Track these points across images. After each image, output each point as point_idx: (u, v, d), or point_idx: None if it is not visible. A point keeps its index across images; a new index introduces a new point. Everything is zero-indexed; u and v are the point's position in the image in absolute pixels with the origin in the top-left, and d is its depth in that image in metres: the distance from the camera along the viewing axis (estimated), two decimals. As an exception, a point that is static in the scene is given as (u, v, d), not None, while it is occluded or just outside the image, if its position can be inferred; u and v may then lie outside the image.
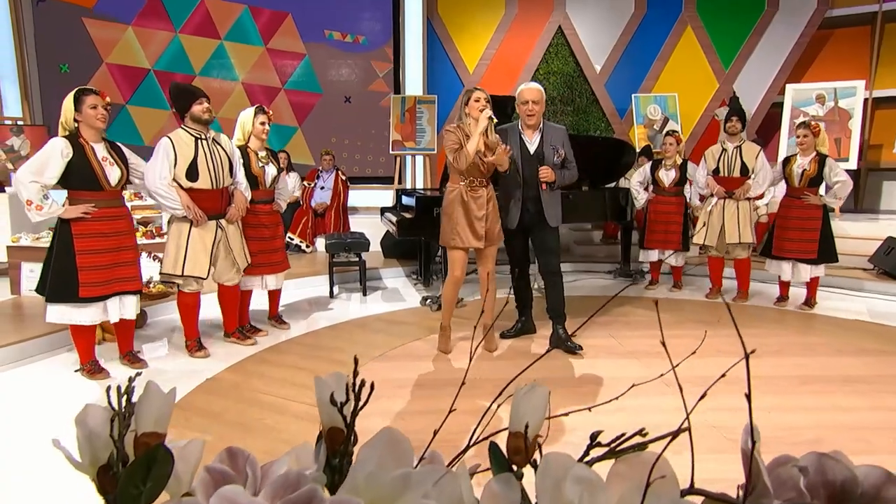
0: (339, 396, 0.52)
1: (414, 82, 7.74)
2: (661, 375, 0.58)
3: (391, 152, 7.42)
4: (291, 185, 6.93)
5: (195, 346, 3.48)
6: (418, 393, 3.00)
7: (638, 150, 6.96)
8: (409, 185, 7.67)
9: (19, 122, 6.79)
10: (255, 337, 3.80)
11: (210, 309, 4.01)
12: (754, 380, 3.13)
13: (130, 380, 0.52)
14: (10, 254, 4.45)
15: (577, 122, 8.07)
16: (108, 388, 0.50)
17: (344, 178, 6.95)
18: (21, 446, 2.42)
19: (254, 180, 3.68)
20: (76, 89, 2.94)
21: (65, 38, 7.19)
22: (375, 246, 6.51)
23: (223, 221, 3.43)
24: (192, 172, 3.25)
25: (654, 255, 5.30)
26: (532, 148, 3.52)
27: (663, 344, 0.45)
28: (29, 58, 7.10)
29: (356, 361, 0.50)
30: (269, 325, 4.13)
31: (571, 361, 3.43)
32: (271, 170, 3.80)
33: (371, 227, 6.46)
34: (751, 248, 4.83)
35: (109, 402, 0.50)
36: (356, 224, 6.98)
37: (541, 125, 3.49)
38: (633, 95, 7.76)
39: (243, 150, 3.68)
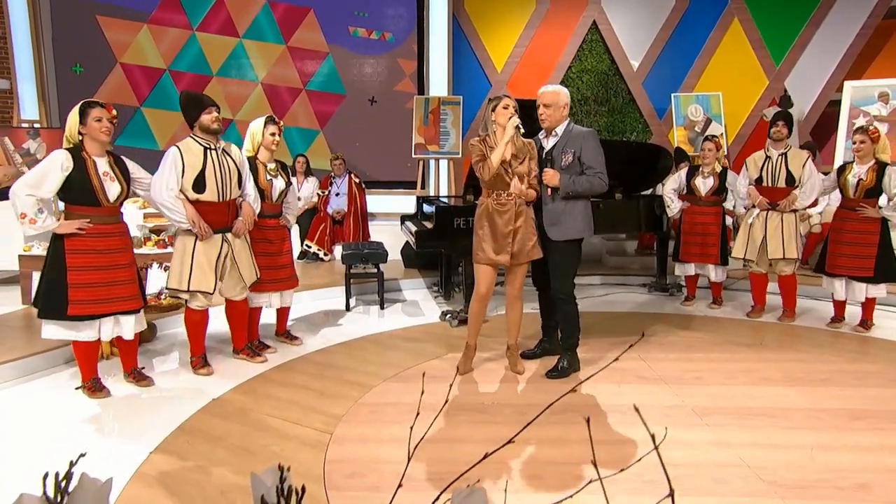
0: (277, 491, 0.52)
1: (438, 82, 7.77)
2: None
3: (413, 156, 7.46)
4: (309, 191, 7.02)
5: (199, 362, 3.54)
6: (432, 419, 2.99)
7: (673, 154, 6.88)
8: (431, 192, 7.69)
9: (36, 125, 7.04)
10: (265, 354, 3.84)
11: (221, 323, 4.07)
12: (796, 411, 3.05)
13: (71, 464, 0.53)
14: (21, 263, 4.60)
15: (612, 124, 7.99)
16: (45, 476, 0.51)
17: (357, 181, 7.00)
18: (9, 468, 2.49)
19: (260, 193, 3.72)
20: (81, 102, 3.03)
21: (79, 38, 7.43)
22: (396, 255, 6.55)
23: (229, 235, 3.48)
24: (200, 183, 3.31)
25: (690, 269, 5.20)
26: (546, 152, 3.50)
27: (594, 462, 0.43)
28: (46, 59, 7.36)
29: (282, 469, 0.50)
30: (279, 341, 4.17)
31: (594, 386, 3.38)
32: (279, 183, 3.85)
33: (392, 235, 6.51)
34: (796, 264, 4.70)
35: (45, 493, 0.51)
36: (376, 231, 7.03)
37: (563, 128, 3.44)
38: (672, 95, 7.65)
39: (252, 161, 3.74)
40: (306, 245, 6.77)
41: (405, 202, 7.26)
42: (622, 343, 4.16)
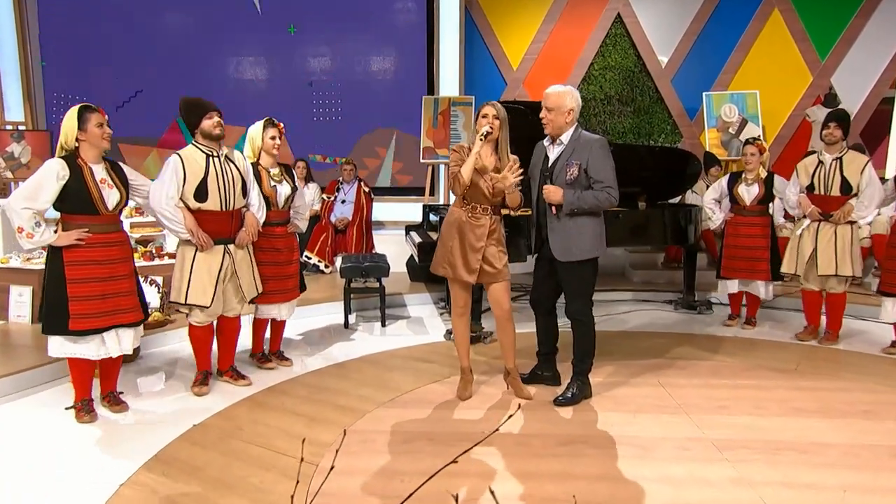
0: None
1: (449, 81, 7.79)
2: None
3: (421, 160, 7.47)
4: (310, 197, 7.07)
5: (199, 379, 3.64)
6: (428, 449, 2.98)
7: (702, 158, 6.81)
8: (441, 199, 7.70)
9: (21, 128, 7.19)
10: (281, 365, 4.05)
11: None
12: (831, 447, 2.98)
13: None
14: (-2, 275, 4.70)
15: (638, 125, 7.95)
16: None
17: (367, 189, 7.04)
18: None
19: (266, 201, 3.78)
20: (80, 106, 3.10)
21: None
22: (401, 267, 6.58)
23: (230, 246, 3.54)
24: (202, 192, 3.37)
25: (733, 286, 5.11)
26: (551, 163, 3.46)
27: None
28: (33, 55, 7.52)
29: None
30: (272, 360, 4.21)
31: (608, 416, 3.35)
32: (284, 189, 3.91)
33: (398, 245, 6.54)
34: (848, 282, 4.61)
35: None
36: (381, 242, 7.05)
37: (569, 136, 3.39)
38: (704, 93, 7.57)
39: (254, 167, 3.79)
40: (306, 256, 6.80)
41: (412, 210, 7.28)
42: (639, 368, 4.11)
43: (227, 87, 7.82)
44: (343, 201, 6.99)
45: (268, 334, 4.20)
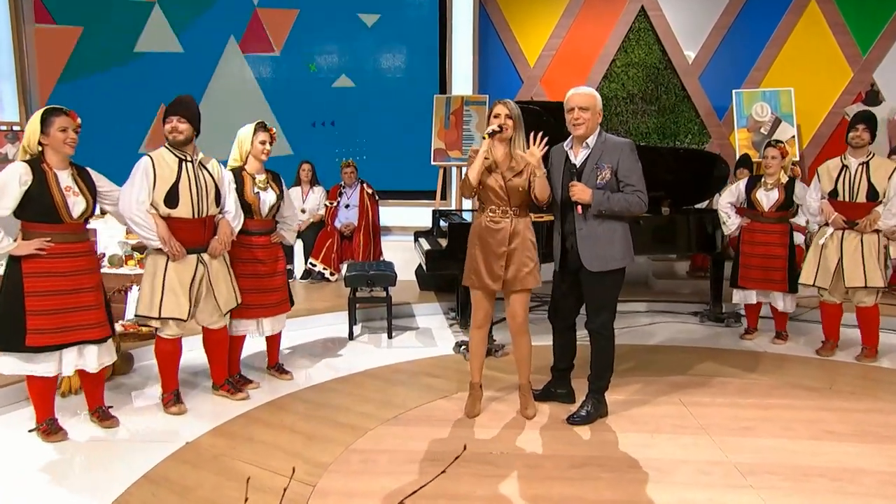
0: None
1: (462, 79, 7.81)
2: None
3: (432, 163, 7.50)
4: (315, 202, 7.13)
5: (171, 399, 3.59)
6: (432, 470, 2.97)
7: (737, 160, 6.75)
8: (453, 204, 7.71)
9: (15, 128, 7.30)
10: (246, 390, 3.88)
11: (200, 353, 4.12)
12: (866, 474, 2.93)
13: None
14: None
15: (662, 125, 7.91)
16: None
17: (370, 192, 7.07)
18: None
19: (247, 209, 3.79)
20: (44, 108, 3.11)
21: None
22: (410, 275, 6.58)
23: (205, 255, 3.54)
24: (173, 198, 3.37)
25: (751, 297, 5.07)
26: (576, 164, 3.44)
27: None
28: (28, 55, 7.65)
29: None
30: (269, 374, 4.23)
31: (624, 436, 3.32)
32: (269, 196, 3.89)
33: (407, 252, 6.53)
34: (879, 294, 4.54)
35: None
36: (389, 248, 7.09)
37: (594, 138, 3.39)
38: (734, 91, 7.52)
39: (238, 173, 3.81)
40: (311, 263, 6.86)
41: (425, 215, 7.26)
42: (659, 385, 4.08)
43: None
44: (347, 206, 7.03)
45: (259, 349, 4.20)
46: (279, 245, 4.06)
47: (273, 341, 4.19)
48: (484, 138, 3.33)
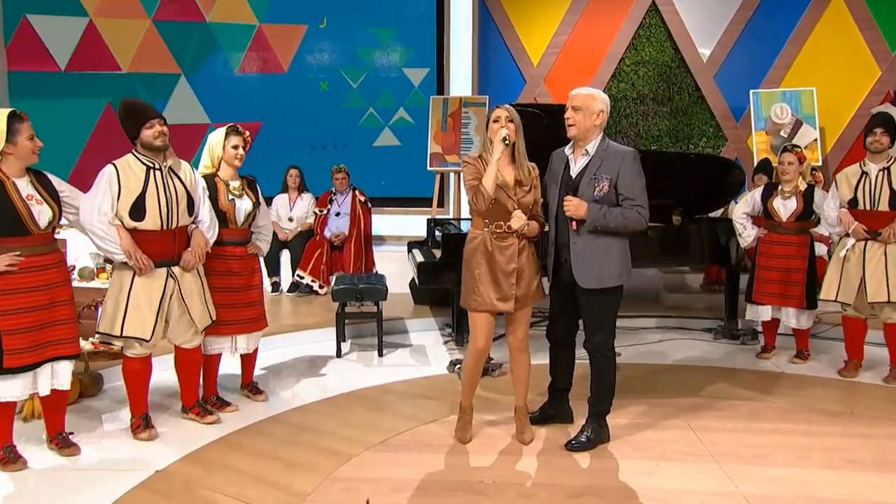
0: None
1: (460, 80, 7.83)
2: None
3: (429, 168, 7.50)
4: (303, 210, 7.14)
5: (140, 424, 3.58)
6: (419, 501, 2.96)
7: (755, 165, 6.74)
8: (451, 212, 7.71)
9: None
10: (219, 413, 3.88)
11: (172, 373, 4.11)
12: (884, 505, 2.90)
13: None
14: None
15: (675, 128, 7.90)
16: None
17: (363, 199, 7.08)
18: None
19: (222, 217, 3.78)
20: (8, 112, 3.10)
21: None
22: (403, 287, 6.57)
23: (176, 269, 3.54)
24: (138, 210, 3.37)
25: (766, 313, 5.04)
26: (573, 174, 3.44)
27: None
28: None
29: None
30: (242, 395, 4.21)
31: (627, 464, 3.31)
32: (245, 204, 3.89)
33: (401, 264, 6.54)
34: None
35: None
36: (382, 259, 7.09)
37: (595, 146, 3.39)
38: (752, 91, 7.51)
39: (210, 179, 3.81)
40: (298, 275, 6.86)
41: (421, 223, 7.26)
42: (666, 407, 4.06)
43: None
44: (337, 214, 7.04)
45: (236, 370, 4.19)
46: (255, 257, 4.06)
47: (248, 360, 4.18)
48: (506, 143, 3.26)
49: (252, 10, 8.07)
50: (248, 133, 3.95)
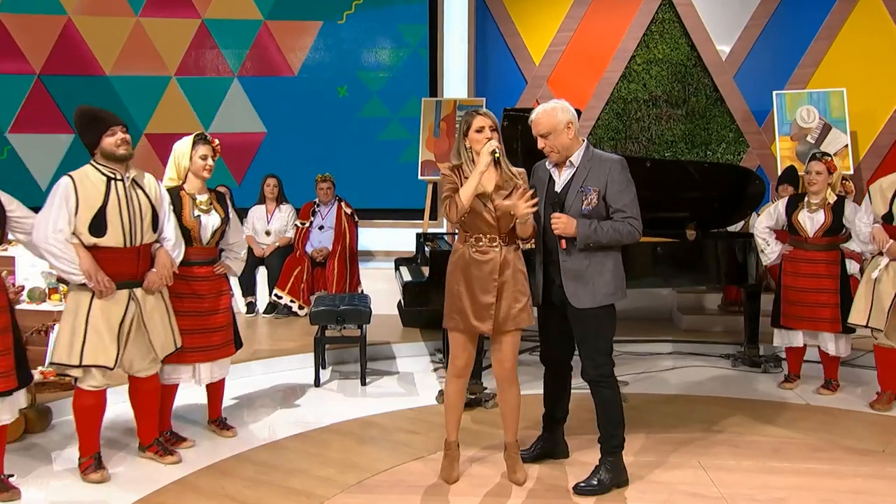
0: None
1: (455, 80, 7.86)
2: None
3: (420, 177, 7.51)
4: (283, 222, 7.15)
5: (91, 465, 3.53)
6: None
7: (779, 174, 6.72)
8: (445, 225, 7.67)
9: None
10: (179, 452, 3.84)
11: (123, 407, 4.09)
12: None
13: None
14: None
15: (691, 132, 7.91)
16: None
17: (349, 211, 7.09)
18: None
19: (186, 235, 3.77)
20: None
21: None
22: (392, 308, 6.54)
23: (138, 291, 3.51)
24: (99, 224, 3.35)
25: (797, 339, 5.01)
26: (557, 188, 3.46)
27: None
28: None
29: None
30: (210, 430, 4.18)
31: (631, 509, 3.27)
32: (212, 220, 3.89)
33: (390, 282, 6.50)
34: None
35: None
36: (370, 277, 7.10)
37: (579, 156, 3.39)
38: (775, 92, 7.49)
39: (175, 193, 3.80)
40: (276, 295, 6.85)
41: (409, 237, 7.25)
42: (677, 444, 4.01)
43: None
44: (321, 227, 7.04)
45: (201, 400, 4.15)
46: (223, 277, 4.05)
47: (215, 391, 4.16)
48: (496, 158, 3.26)
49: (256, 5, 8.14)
50: (217, 142, 3.94)
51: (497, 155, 3.26)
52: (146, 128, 8.05)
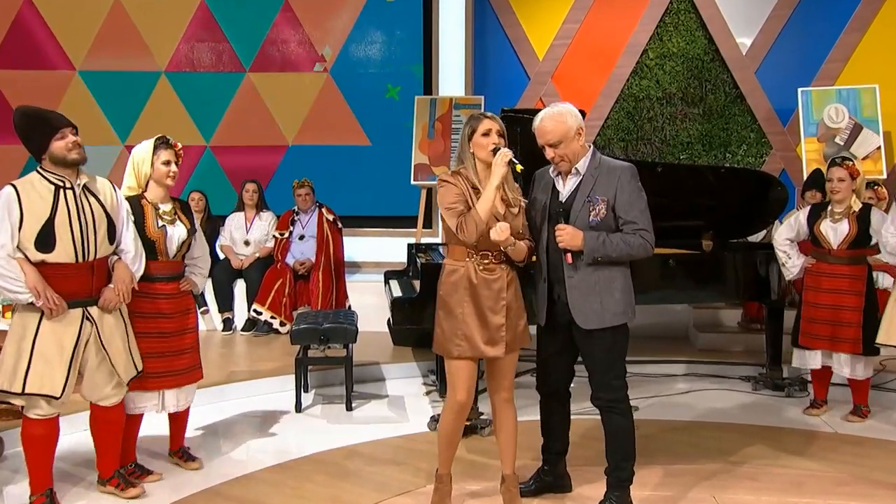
0: None
1: (451, 77, 7.87)
2: None
3: (412, 182, 7.51)
4: (262, 232, 7.15)
5: (43, 501, 3.48)
6: None
7: (805, 178, 6.71)
8: (440, 235, 7.67)
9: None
10: (143, 483, 3.82)
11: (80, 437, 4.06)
12: None
13: None
14: None
15: (709, 133, 7.94)
16: None
17: (331, 218, 7.10)
18: None
19: (150, 247, 3.74)
20: None
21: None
22: (381, 325, 6.52)
23: (94, 310, 3.48)
24: (47, 238, 3.31)
25: (814, 359, 4.98)
26: (562, 198, 3.45)
27: None
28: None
29: None
30: (172, 462, 4.15)
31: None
32: (178, 231, 3.86)
33: (380, 296, 6.49)
34: None
35: None
36: (357, 291, 7.11)
37: (585, 164, 3.40)
38: (801, 90, 7.50)
39: (136, 202, 3.77)
40: (255, 311, 6.84)
41: (401, 246, 7.24)
42: (691, 475, 3.99)
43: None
44: (301, 237, 7.04)
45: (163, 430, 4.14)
46: (189, 294, 4.02)
47: (178, 419, 4.12)
48: (516, 168, 3.25)
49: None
50: (179, 146, 3.92)
51: (515, 164, 3.24)
52: (127, 138, 7.91)
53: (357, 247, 7.52)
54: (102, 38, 7.91)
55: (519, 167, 3.25)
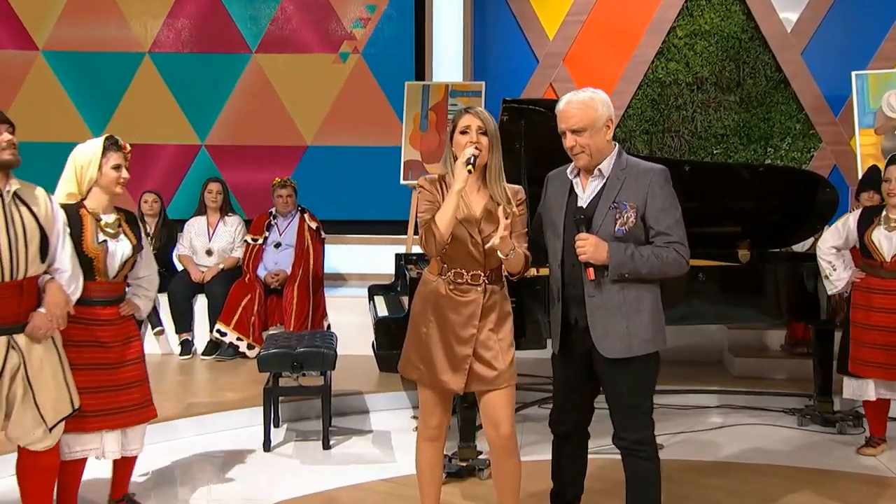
0: None
1: (447, 59, 7.93)
2: None
3: (402, 182, 7.53)
4: (228, 239, 7.17)
5: None
6: None
7: (860, 176, 6.68)
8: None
9: None
10: None
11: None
12: None
13: None
14: None
15: (747, 123, 7.97)
16: None
17: (314, 226, 7.10)
18: None
19: (87, 265, 3.71)
20: None
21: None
22: (366, 348, 6.48)
23: (20, 338, 3.45)
24: None
25: (868, 390, 4.95)
26: (582, 203, 3.41)
27: None
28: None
29: None
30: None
31: None
32: (122, 247, 3.83)
33: (364, 315, 6.46)
34: None
35: None
36: (339, 308, 7.12)
37: (610, 164, 3.37)
38: (854, 73, 7.49)
39: (74, 211, 3.75)
40: (219, 331, 6.84)
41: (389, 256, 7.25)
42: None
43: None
44: (277, 245, 7.06)
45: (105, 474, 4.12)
46: (131, 320, 3.98)
47: (123, 465, 4.07)
48: (469, 169, 3.22)
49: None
50: (128, 147, 3.89)
51: (471, 165, 3.20)
52: (104, 131, 7.79)
53: (338, 256, 7.55)
54: (71, 9, 7.87)
55: (468, 167, 3.19)
